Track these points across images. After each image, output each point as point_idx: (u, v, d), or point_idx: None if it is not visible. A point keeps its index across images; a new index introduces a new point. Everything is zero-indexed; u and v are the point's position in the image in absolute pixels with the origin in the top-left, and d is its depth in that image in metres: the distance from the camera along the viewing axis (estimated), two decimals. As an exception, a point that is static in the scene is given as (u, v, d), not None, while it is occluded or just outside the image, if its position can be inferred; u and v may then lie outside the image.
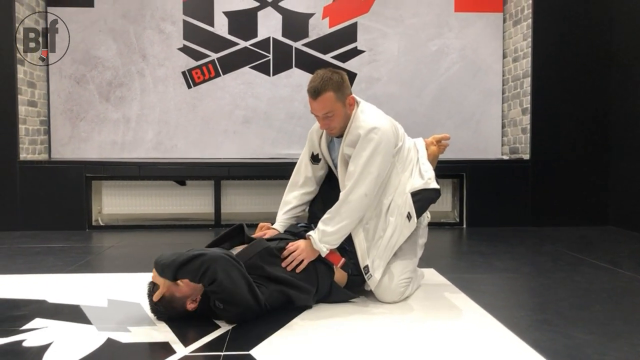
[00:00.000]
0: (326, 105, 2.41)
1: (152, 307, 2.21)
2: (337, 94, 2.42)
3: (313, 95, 2.42)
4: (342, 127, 2.49)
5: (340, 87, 2.43)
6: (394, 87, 5.36)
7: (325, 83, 2.40)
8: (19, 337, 2.04)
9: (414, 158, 2.62)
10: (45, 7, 5.14)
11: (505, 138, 5.35)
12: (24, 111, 4.77)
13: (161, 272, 2.12)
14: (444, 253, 3.97)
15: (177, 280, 2.13)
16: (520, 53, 5.01)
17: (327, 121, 2.46)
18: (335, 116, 2.44)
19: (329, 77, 2.42)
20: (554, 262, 3.36)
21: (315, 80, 2.43)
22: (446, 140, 2.84)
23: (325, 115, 2.44)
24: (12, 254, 3.68)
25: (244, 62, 5.29)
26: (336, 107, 2.43)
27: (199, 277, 2.06)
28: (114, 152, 5.24)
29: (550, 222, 4.80)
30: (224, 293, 2.09)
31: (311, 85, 2.43)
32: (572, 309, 2.38)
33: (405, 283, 2.51)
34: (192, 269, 2.06)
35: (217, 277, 2.05)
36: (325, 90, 2.40)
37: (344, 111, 2.46)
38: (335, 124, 2.47)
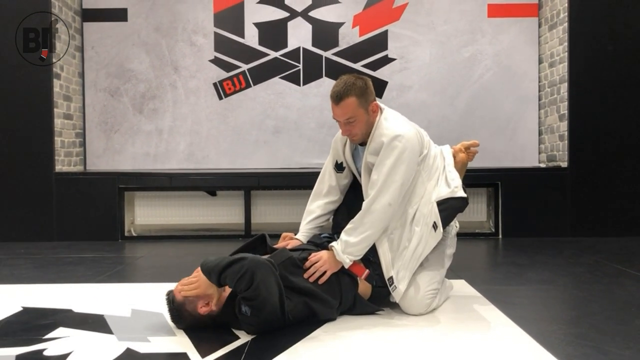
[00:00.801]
0: (348, 110, 2.36)
1: (171, 314, 2.21)
2: (360, 100, 2.37)
3: (335, 100, 2.38)
4: (365, 134, 2.44)
5: (364, 93, 2.38)
6: (426, 95, 5.27)
7: (348, 88, 2.36)
8: (40, 346, 2.04)
9: (440, 166, 2.55)
10: (81, 23, 5.26)
11: (542, 146, 5.19)
12: (60, 124, 4.87)
13: (208, 276, 2.11)
14: (477, 264, 3.85)
15: (222, 285, 2.12)
16: (557, 58, 4.87)
17: (349, 127, 2.41)
18: (358, 122, 2.39)
19: (352, 82, 2.38)
20: (592, 274, 3.22)
21: (338, 85, 2.39)
22: (475, 147, 2.75)
23: (347, 121, 2.39)
24: (45, 263, 3.74)
25: (274, 73, 5.30)
26: (358, 113, 2.38)
27: (236, 280, 2.02)
28: (147, 164, 5.31)
29: (590, 232, 4.62)
30: (257, 300, 2.04)
31: (334, 90, 2.39)
32: (608, 323, 2.26)
33: (432, 295, 2.43)
34: (233, 272, 2.03)
35: (254, 282, 2.00)
36: (348, 96, 2.35)
37: (367, 118, 2.41)
38: (357, 130, 2.42)
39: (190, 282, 2.17)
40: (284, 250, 2.41)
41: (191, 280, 2.18)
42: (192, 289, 2.14)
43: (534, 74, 5.23)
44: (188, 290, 2.15)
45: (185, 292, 2.15)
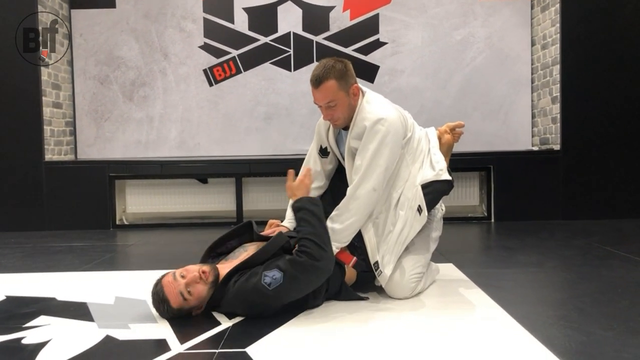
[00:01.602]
0: (328, 94, 2.32)
1: (159, 312, 2.17)
2: (340, 83, 2.32)
3: (315, 84, 2.33)
4: (347, 118, 2.40)
5: (344, 76, 2.34)
6: (418, 79, 5.23)
7: (327, 71, 2.31)
8: (19, 335, 2.02)
9: (424, 149, 2.51)
10: (69, 11, 5.21)
11: (535, 129, 5.15)
12: (49, 112, 4.84)
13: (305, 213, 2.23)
14: (467, 248, 3.83)
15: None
16: (549, 40, 4.81)
17: (330, 111, 2.37)
18: (339, 106, 2.35)
19: (331, 65, 2.33)
20: (582, 256, 3.20)
21: (317, 69, 2.34)
22: (460, 128, 2.71)
23: (327, 104, 2.34)
24: (33, 253, 3.72)
25: (264, 58, 5.25)
26: (339, 96, 2.33)
27: (319, 244, 2.11)
28: (138, 152, 5.27)
29: (583, 215, 4.60)
30: (302, 271, 2.07)
31: (313, 74, 2.34)
32: (594, 305, 2.24)
33: (416, 278, 2.40)
34: (323, 238, 2.14)
35: (320, 261, 2.08)
36: (328, 79, 2.31)
37: (348, 101, 2.36)
38: (339, 114, 2.37)
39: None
40: (281, 234, 2.38)
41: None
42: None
43: (526, 57, 5.18)
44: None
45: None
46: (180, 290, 2.09)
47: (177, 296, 2.09)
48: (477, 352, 1.76)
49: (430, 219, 2.54)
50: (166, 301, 2.10)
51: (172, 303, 2.10)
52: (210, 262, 2.35)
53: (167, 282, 2.12)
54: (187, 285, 2.09)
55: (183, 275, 2.11)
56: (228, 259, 2.34)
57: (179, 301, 2.09)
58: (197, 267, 2.16)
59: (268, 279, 2.06)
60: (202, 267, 2.14)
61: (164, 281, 2.13)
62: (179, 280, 2.10)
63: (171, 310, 2.11)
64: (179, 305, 2.10)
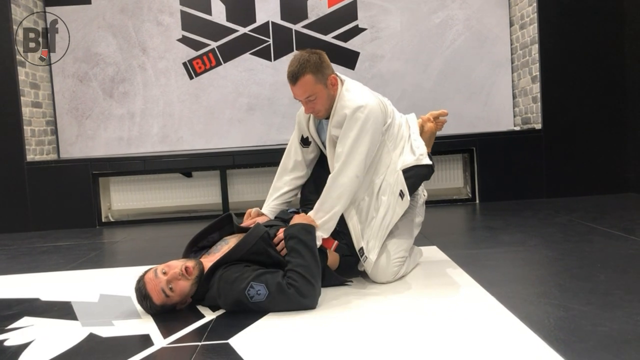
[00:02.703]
0: (307, 89, 2.32)
1: (142, 306, 2.17)
2: (317, 76, 2.32)
3: (292, 80, 2.33)
4: (328, 108, 2.40)
5: (320, 68, 2.33)
6: (398, 64, 5.22)
7: (302, 66, 2.30)
8: (1, 337, 2.02)
9: (405, 135, 2.52)
10: (43, 7, 5.15)
11: (517, 109, 5.17)
12: (28, 112, 4.79)
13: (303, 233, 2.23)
14: (451, 230, 3.86)
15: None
16: (527, 19, 4.82)
17: (310, 105, 2.37)
18: (318, 99, 2.35)
19: (306, 59, 2.32)
20: (563, 233, 3.23)
21: (292, 65, 2.33)
22: (444, 117, 2.72)
23: (307, 99, 2.35)
24: (17, 254, 3.71)
25: (244, 49, 5.22)
26: (317, 89, 2.33)
27: (310, 276, 2.11)
28: (121, 148, 5.24)
29: (566, 192, 4.63)
30: (288, 298, 2.07)
31: (289, 70, 2.34)
32: (573, 280, 2.27)
33: (399, 262, 2.42)
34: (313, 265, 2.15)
35: (308, 294, 2.09)
36: (304, 74, 2.30)
37: (327, 92, 2.37)
38: (320, 106, 2.38)
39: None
40: (259, 225, 2.38)
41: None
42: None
43: (505, 37, 5.18)
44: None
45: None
46: (162, 287, 2.09)
47: (159, 293, 2.09)
48: (457, 332, 1.78)
49: (413, 205, 2.57)
50: (148, 298, 2.11)
51: (154, 300, 2.10)
52: (193, 257, 2.36)
53: (149, 279, 2.12)
54: (168, 282, 2.09)
55: (165, 271, 2.11)
56: (210, 253, 2.36)
57: (161, 298, 2.10)
58: (181, 262, 2.16)
59: (252, 291, 2.07)
60: (185, 263, 2.14)
61: (146, 278, 2.13)
62: (160, 277, 2.10)
63: (154, 307, 2.12)
64: (161, 302, 2.11)
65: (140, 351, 1.80)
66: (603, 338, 1.64)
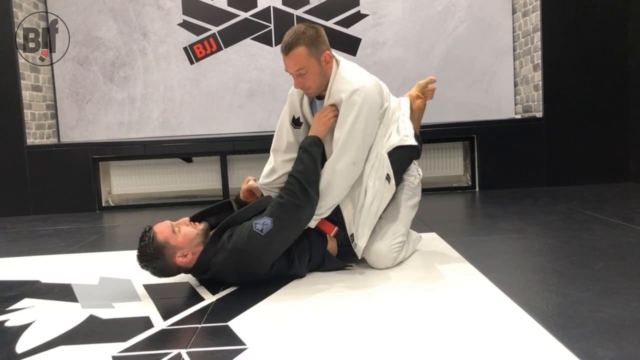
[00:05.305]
0: (299, 61, 2.26)
1: (141, 251, 2.14)
2: (311, 49, 2.26)
3: (285, 51, 2.28)
4: (319, 86, 2.35)
5: (315, 42, 2.27)
6: (400, 51, 5.20)
7: (297, 37, 2.25)
8: (1, 318, 2.03)
9: (397, 118, 2.49)
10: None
11: (518, 97, 5.16)
12: (29, 96, 4.78)
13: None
14: (451, 217, 3.87)
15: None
16: (530, 7, 4.79)
17: (301, 79, 2.31)
18: (310, 74, 2.29)
19: (302, 31, 2.27)
20: (563, 221, 3.23)
21: (288, 35, 2.29)
22: (432, 84, 2.68)
23: (298, 72, 2.28)
24: (18, 237, 3.72)
25: (245, 34, 5.20)
26: (310, 63, 2.27)
27: (305, 186, 2.18)
28: (121, 133, 5.24)
29: (566, 181, 4.63)
30: (290, 215, 2.15)
31: (283, 40, 2.29)
32: (572, 267, 2.27)
33: (397, 248, 2.42)
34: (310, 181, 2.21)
35: (305, 205, 2.17)
36: (297, 45, 2.25)
37: (319, 69, 2.30)
38: (311, 82, 2.32)
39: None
40: (269, 197, 2.41)
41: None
42: None
43: (507, 25, 5.15)
44: None
45: None
46: (170, 223, 2.17)
47: (167, 227, 2.15)
48: (456, 318, 1.78)
49: (408, 186, 2.53)
50: (153, 234, 2.12)
51: (158, 235, 2.12)
52: None
53: (157, 224, 2.19)
54: (177, 225, 2.17)
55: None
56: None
57: (167, 232, 2.13)
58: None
59: (259, 225, 2.12)
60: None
61: (154, 226, 2.19)
62: (168, 221, 2.20)
63: (155, 243, 2.10)
64: (165, 238, 2.11)
65: (140, 333, 1.80)
66: (601, 324, 1.65)
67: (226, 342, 1.68)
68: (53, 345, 1.75)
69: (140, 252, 2.14)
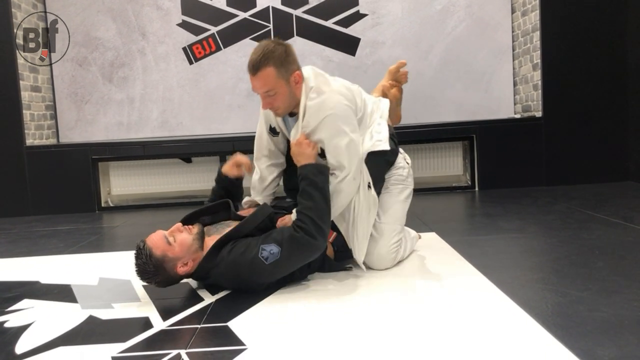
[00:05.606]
0: (267, 82, 2.13)
1: (140, 268, 2.05)
2: (280, 70, 2.13)
3: (252, 71, 2.13)
4: (288, 107, 2.24)
5: (284, 62, 2.14)
6: (399, 50, 5.19)
7: (266, 57, 2.10)
8: (1, 319, 2.03)
9: (373, 121, 2.41)
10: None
11: (517, 96, 5.16)
12: (28, 97, 4.78)
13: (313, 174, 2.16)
14: (450, 217, 3.87)
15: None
16: (529, 6, 4.79)
17: (269, 100, 2.19)
18: (278, 95, 2.17)
19: (271, 49, 2.12)
20: (562, 221, 3.23)
21: (255, 53, 2.13)
22: (403, 68, 2.64)
23: (266, 93, 2.17)
24: (17, 238, 3.71)
25: (244, 34, 5.20)
26: (278, 84, 2.14)
27: (320, 220, 2.09)
28: (120, 133, 5.23)
29: (566, 180, 4.63)
30: (299, 247, 2.07)
31: (250, 59, 2.14)
32: (571, 267, 2.28)
33: (395, 247, 2.41)
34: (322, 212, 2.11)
35: (317, 238, 2.08)
36: (266, 66, 2.11)
37: (288, 89, 2.18)
38: (279, 103, 2.20)
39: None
40: (266, 205, 2.38)
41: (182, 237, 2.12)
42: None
43: (507, 24, 5.15)
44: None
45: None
46: (164, 234, 2.06)
47: (161, 239, 2.04)
48: (456, 318, 1.79)
49: (395, 180, 2.48)
50: (148, 250, 2.02)
51: (154, 250, 2.02)
52: None
53: (149, 236, 2.08)
54: (170, 233, 2.08)
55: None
56: (211, 234, 2.27)
57: (162, 245, 2.03)
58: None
59: (266, 252, 2.04)
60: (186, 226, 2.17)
61: (146, 238, 2.08)
62: (160, 231, 2.10)
63: (153, 259, 2.01)
64: (162, 252, 2.02)
65: (139, 333, 1.81)
66: (600, 323, 1.65)
67: (226, 342, 1.69)
68: (52, 346, 1.75)
69: (139, 270, 2.06)
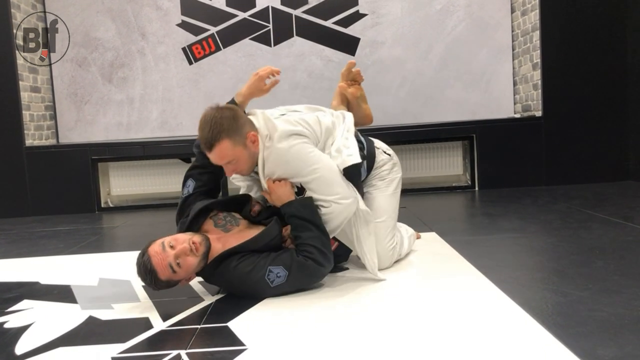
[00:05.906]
0: (225, 155, 2.08)
1: (149, 285, 2.04)
2: (234, 138, 2.06)
3: (207, 148, 2.08)
4: (252, 165, 2.20)
5: (236, 130, 2.07)
6: (399, 50, 5.20)
7: (217, 131, 2.04)
8: (1, 319, 2.03)
9: (334, 140, 2.33)
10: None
11: (517, 96, 5.15)
12: (27, 97, 4.77)
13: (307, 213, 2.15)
14: (450, 216, 3.86)
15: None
16: (529, 6, 4.79)
17: (232, 167, 2.14)
18: (240, 161, 2.12)
19: (218, 122, 2.04)
20: (562, 220, 3.23)
21: (204, 129, 2.06)
22: (354, 67, 2.61)
23: (227, 164, 2.12)
24: (17, 239, 3.71)
25: (244, 34, 5.20)
26: (236, 152, 2.09)
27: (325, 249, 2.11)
28: (120, 134, 5.23)
29: (566, 180, 4.63)
30: (304, 271, 2.08)
31: (202, 136, 2.08)
32: (571, 266, 2.27)
33: (391, 246, 2.40)
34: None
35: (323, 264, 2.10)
36: (219, 140, 2.04)
37: (247, 152, 2.12)
38: (243, 166, 2.16)
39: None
40: (278, 222, 2.24)
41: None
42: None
43: (506, 24, 5.15)
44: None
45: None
46: (169, 262, 1.97)
47: (166, 269, 1.98)
48: (456, 318, 1.78)
49: (379, 178, 2.46)
50: (153, 272, 1.97)
51: (159, 275, 1.98)
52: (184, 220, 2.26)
53: (155, 252, 1.99)
54: (176, 257, 1.98)
55: (172, 245, 2.00)
56: (217, 228, 2.22)
57: (168, 274, 1.99)
58: (187, 237, 2.05)
59: (272, 275, 2.04)
60: (192, 238, 2.04)
61: (151, 251, 2.00)
62: (167, 251, 1.98)
63: (158, 282, 2.00)
64: (167, 278, 2.00)
65: (139, 334, 1.80)
66: (600, 323, 1.65)
67: (226, 342, 1.68)
68: (52, 346, 1.75)
69: (147, 284, 2.05)
